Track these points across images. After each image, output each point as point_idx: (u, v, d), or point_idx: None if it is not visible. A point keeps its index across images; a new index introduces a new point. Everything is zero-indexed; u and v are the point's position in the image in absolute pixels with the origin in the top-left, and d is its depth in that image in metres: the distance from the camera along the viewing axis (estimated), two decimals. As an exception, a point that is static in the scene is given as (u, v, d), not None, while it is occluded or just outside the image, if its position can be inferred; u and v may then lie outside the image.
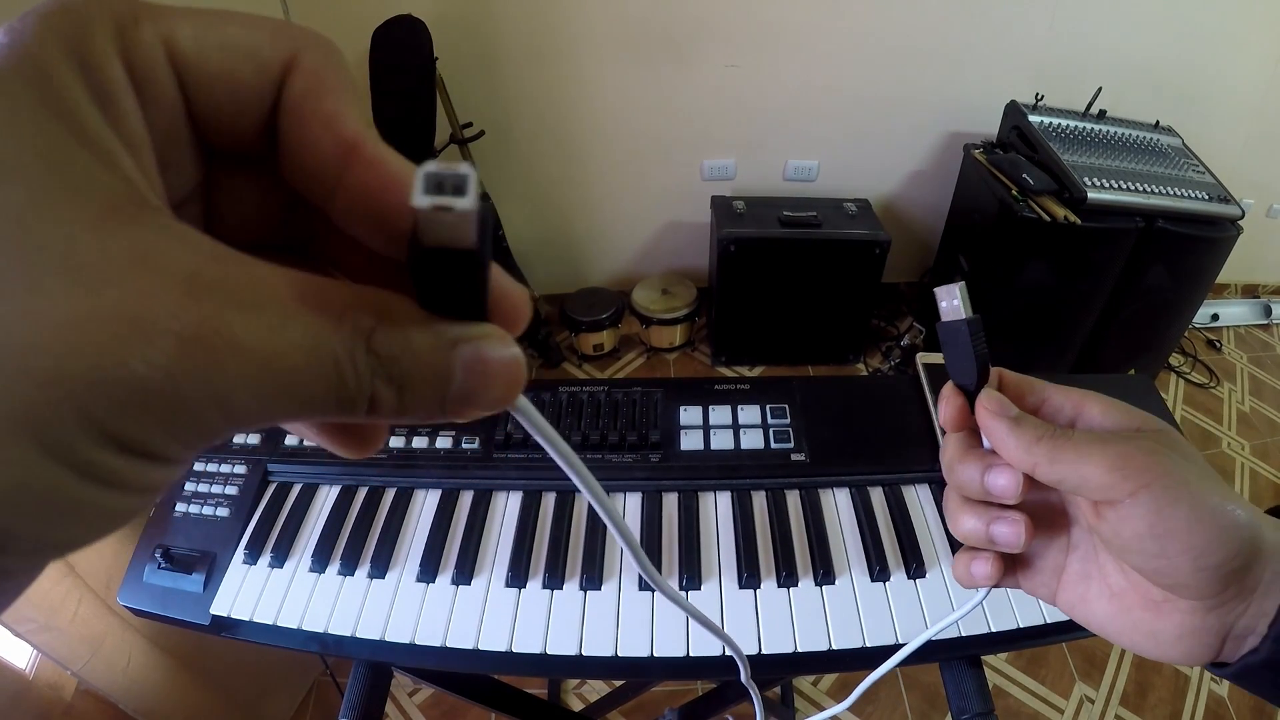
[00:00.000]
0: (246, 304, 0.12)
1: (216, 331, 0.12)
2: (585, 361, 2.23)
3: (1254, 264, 2.51)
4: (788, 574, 0.64)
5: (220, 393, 0.12)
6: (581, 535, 0.67)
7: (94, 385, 0.11)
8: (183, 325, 0.11)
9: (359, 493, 0.71)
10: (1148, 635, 0.28)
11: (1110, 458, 0.25)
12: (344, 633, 0.60)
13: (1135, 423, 0.28)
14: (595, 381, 0.78)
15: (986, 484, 0.28)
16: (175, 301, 0.11)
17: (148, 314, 0.11)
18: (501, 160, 2.06)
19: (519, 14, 1.85)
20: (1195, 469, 0.25)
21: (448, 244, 0.14)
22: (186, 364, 0.11)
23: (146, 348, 0.11)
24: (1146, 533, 0.25)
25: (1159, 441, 0.26)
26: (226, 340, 0.12)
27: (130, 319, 0.11)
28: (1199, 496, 0.25)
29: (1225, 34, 1.98)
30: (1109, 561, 0.29)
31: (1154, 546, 0.25)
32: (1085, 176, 1.69)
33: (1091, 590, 0.30)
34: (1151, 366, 2.07)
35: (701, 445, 0.72)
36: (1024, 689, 1.44)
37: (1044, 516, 0.31)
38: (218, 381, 0.12)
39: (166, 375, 0.11)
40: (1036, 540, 0.30)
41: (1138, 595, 0.28)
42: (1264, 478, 1.94)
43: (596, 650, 0.59)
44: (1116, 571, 0.29)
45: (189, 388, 0.12)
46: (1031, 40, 1.97)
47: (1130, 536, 0.26)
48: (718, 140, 2.12)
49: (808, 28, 1.91)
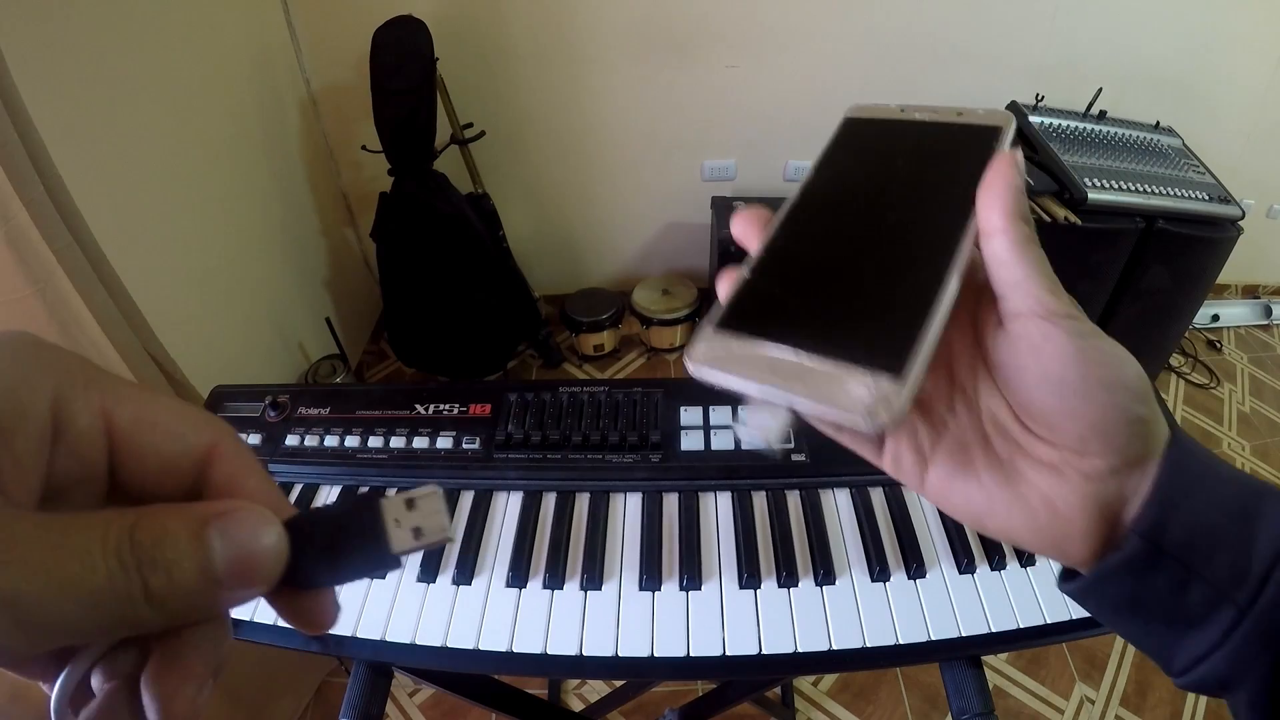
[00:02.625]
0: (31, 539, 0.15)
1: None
2: (585, 362, 2.23)
3: (1254, 264, 2.51)
4: (788, 574, 0.64)
5: (7, 597, 0.14)
6: (582, 535, 0.67)
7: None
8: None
9: (359, 493, 0.71)
10: (1041, 506, 0.25)
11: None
12: (344, 633, 0.61)
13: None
14: (595, 382, 0.78)
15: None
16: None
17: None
18: (502, 160, 2.06)
19: (520, 14, 1.85)
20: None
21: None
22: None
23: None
24: (1072, 355, 0.23)
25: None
26: (13, 557, 0.15)
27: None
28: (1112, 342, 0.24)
29: (1225, 34, 1.98)
30: (1000, 420, 0.26)
31: (1075, 372, 0.23)
32: (1085, 177, 1.69)
33: (975, 458, 0.26)
34: (1152, 367, 2.07)
35: (702, 446, 0.72)
36: (1024, 689, 1.44)
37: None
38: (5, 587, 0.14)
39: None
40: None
41: (1028, 460, 0.25)
42: (1264, 478, 1.94)
43: (597, 650, 0.59)
44: (1004, 435, 0.26)
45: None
46: (1031, 40, 1.96)
47: (1050, 357, 0.23)
48: (718, 141, 2.12)
49: (808, 28, 1.91)
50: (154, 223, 1.30)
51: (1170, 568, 0.24)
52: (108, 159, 1.18)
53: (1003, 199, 0.24)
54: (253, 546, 0.17)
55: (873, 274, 0.25)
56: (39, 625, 0.15)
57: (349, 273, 2.17)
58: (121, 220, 1.16)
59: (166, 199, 1.34)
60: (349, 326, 2.07)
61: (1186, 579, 0.24)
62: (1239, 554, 0.24)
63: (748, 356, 0.22)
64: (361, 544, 0.19)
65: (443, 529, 0.20)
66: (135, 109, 1.26)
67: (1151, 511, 0.24)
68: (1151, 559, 0.24)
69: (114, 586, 0.15)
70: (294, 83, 1.87)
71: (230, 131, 1.59)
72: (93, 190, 1.00)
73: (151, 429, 0.19)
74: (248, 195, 1.66)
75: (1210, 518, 0.24)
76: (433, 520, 0.20)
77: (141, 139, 1.27)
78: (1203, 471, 0.25)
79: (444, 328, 1.93)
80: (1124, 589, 0.25)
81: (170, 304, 1.28)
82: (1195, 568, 0.24)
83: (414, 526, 0.19)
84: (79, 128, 1.10)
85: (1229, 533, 0.24)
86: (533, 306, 2.10)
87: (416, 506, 0.20)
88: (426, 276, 1.84)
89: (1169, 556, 0.24)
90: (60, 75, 1.07)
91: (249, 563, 0.17)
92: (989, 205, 0.24)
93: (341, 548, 0.19)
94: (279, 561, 0.18)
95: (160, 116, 1.33)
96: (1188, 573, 0.24)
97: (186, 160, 1.41)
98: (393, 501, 0.19)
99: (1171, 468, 0.24)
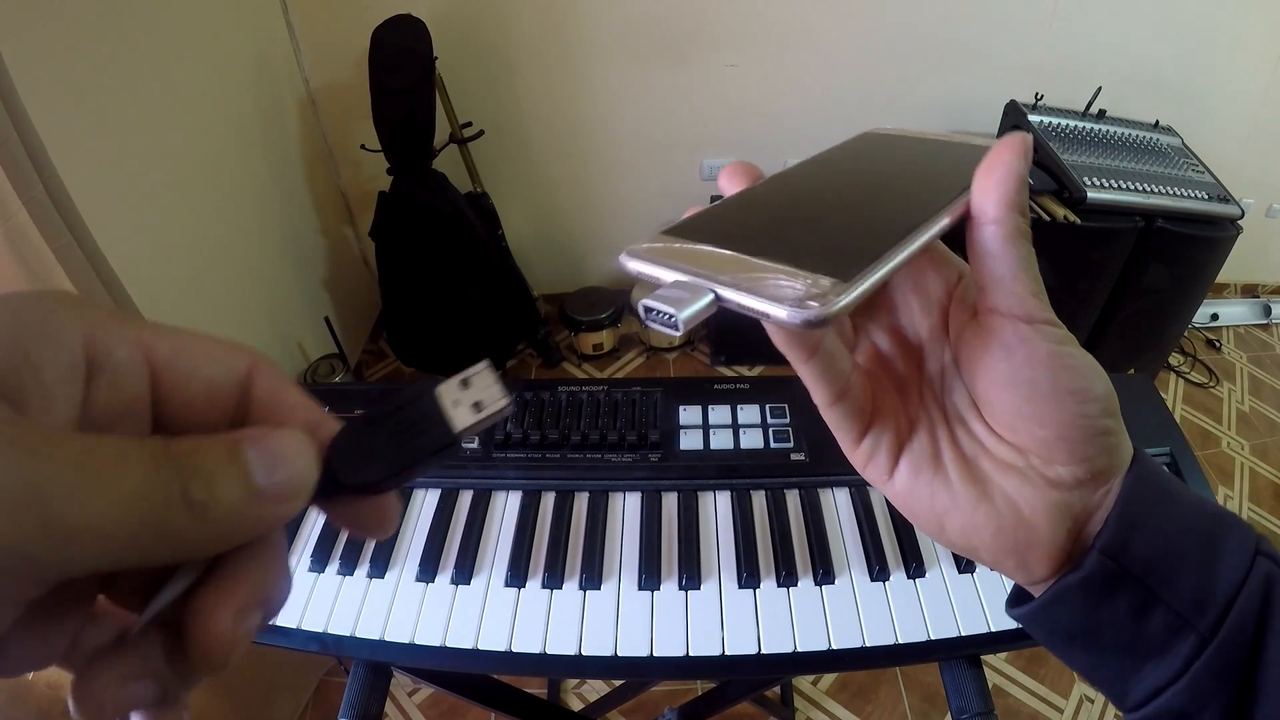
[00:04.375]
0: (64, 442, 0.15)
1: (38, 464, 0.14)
2: (585, 361, 2.23)
3: (1254, 264, 2.51)
4: (787, 574, 0.64)
5: (35, 487, 0.13)
6: (581, 535, 0.67)
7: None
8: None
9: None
10: (1006, 508, 0.24)
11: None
12: (343, 632, 0.60)
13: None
14: (595, 381, 0.78)
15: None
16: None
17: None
18: (501, 160, 2.06)
19: (519, 13, 1.85)
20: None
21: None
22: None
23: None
24: (1044, 360, 0.22)
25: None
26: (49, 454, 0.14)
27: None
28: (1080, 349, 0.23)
29: (1225, 34, 1.98)
30: (965, 418, 0.25)
31: (1046, 378, 0.22)
32: (1085, 176, 1.69)
33: (943, 452, 0.25)
34: (1151, 366, 2.07)
35: (701, 445, 0.72)
36: (1024, 689, 1.44)
37: (888, 377, 0.27)
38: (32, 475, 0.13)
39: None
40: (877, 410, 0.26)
41: (992, 461, 0.24)
42: (1263, 477, 1.94)
43: (596, 650, 0.59)
44: (970, 433, 0.25)
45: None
46: (1031, 40, 1.96)
47: (1023, 360, 0.22)
48: (718, 140, 2.12)
49: (808, 28, 1.91)
50: (152, 221, 1.30)
51: (1131, 589, 0.23)
52: (106, 158, 1.18)
53: (1002, 185, 0.22)
54: (289, 454, 0.17)
55: (837, 219, 0.24)
56: (68, 529, 0.13)
57: (348, 272, 2.17)
58: (120, 219, 1.15)
59: (165, 198, 1.34)
60: (348, 326, 2.07)
61: (1148, 603, 0.23)
62: (1202, 579, 0.23)
63: (689, 253, 0.21)
64: (424, 430, 0.19)
65: (501, 398, 0.19)
66: (134, 108, 1.25)
67: (1114, 529, 0.23)
68: (1112, 579, 0.23)
69: (151, 488, 0.15)
70: (293, 82, 1.87)
71: (229, 130, 1.59)
72: (92, 189, 1.00)
73: (192, 355, 0.18)
74: (246, 194, 1.66)
75: (1173, 540, 0.23)
76: (489, 392, 0.19)
77: (140, 138, 1.27)
78: (1165, 493, 0.24)
79: (443, 327, 1.93)
80: (1080, 612, 0.24)
81: (169, 303, 1.28)
82: (1157, 591, 0.23)
83: (473, 402, 0.19)
84: (78, 127, 1.10)
85: (1192, 557, 0.23)
86: (532, 306, 2.10)
87: (471, 384, 0.20)
88: (425, 276, 1.84)
89: (1131, 577, 0.23)
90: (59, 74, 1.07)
91: (288, 469, 0.17)
92: (986, 190, 0.22)
93: (404, 442, 0.19)
94: (313, 468, 0.18)
95: (159, 115, 1.32)
96: (1149, 596, 0.23)
97: (185, 159, 1.41)
98: (446, 385, 0.20)
99: (1136, 486, 0.23)
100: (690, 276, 0.20)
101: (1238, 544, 0.23)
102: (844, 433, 0.26)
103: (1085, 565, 0.23)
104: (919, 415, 0.26)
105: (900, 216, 0.22)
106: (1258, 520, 1.82)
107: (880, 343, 0.27)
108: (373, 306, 2.29)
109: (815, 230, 0.23)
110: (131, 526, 0.14)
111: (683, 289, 0.20)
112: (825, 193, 0.26)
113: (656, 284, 0.21)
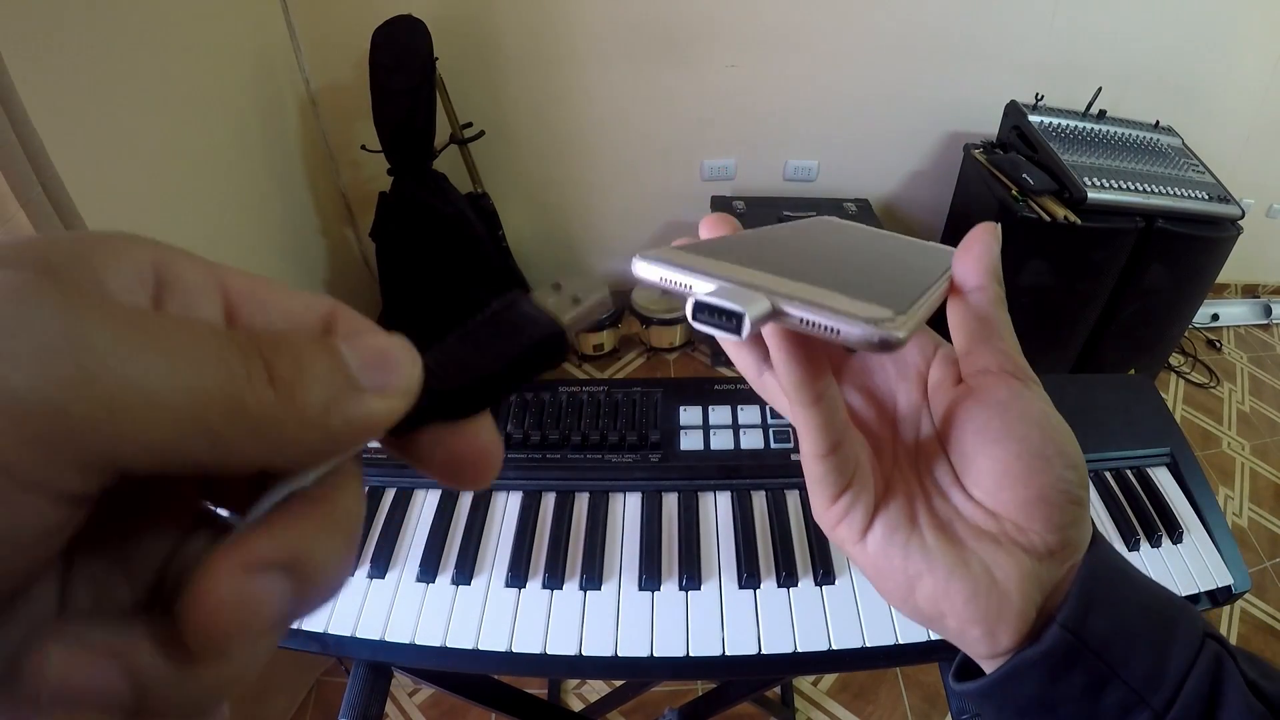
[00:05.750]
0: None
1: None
2: (585, 361, 2.23)
3: (1254, 264, 2.51)
4: (788, 574, 0.64)
5: (87, 347, 0.11)
6: (581, 535, 0.67)
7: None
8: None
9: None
10: (982, 574, 0.23)
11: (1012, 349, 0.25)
12: (344, 632, 0.60)
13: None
14: (595, 381, 0.78)
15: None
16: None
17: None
18: (501, 160, 2.06)
19: (520, 13, 1.85)
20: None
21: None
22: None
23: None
24: (1037, 419, 0.23)
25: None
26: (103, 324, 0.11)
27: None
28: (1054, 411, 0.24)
29: (1225, 34, 1.98)
30: (941, 483, 0.25)
31: (1038, 435, 0.23)
32: (1085, 176, 1.69)
33: (919, 514, 0.25)
34: (1151, 366, 2.07)
35: (701, 445, 0.72)
36: (1024, 689, 1.44)
37: (866, 437, 0.27)
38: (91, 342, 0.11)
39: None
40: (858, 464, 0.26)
41: (966, 526, 0.24)
42: (1264, 477, 1.94)
43: (596, 650, 0.59)
44: (945, 498, 0.25)
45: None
46: (1031, 40, 1.96)
47: (1017, 417, 0.23)
48: (717, 140, 2.12)
49: (808, 28, 1.91)
50: (152, 222, 1.30)
51: (1088, 666, 0.23)
52: (106, 159, 1.18)
53: (984, 258, 0.24)
54: (391, 352, 0.15)
55: (857, 264, 0.25)
56: (115, 384, 0.11)
57: (348, 272, 2.17)
58: (120, 220, 1.15)
59: (165, 199, 1.34)
60: (348, 326, 2.07)
61: (1104, 679, 0.23)
62: (1157, 657, 0.23)
63: (721, 266, 0.20)
64: (525, 330, 0.17)
65: (597, 288, 0.18)
66: (134, 108, 1.25)
67: (1075, 604, 0.23)
68: (1071, 655, 0.23)
69: (224, 355, 0.12)
70: (293, 82, 1.87)
71: (229, 131, 1.59)
72: (91, 190, 1.00)
73: (270, 289, 0.16)
74: (247, 195, 1.66)
75: (1130, 619, 0.24)
76: (584, 285, 0.18)
77: (140, 138, 1.27)
78: (1122, 574, 0.25)
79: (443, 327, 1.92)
80: (1037, 687, 0.23)
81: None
82: (1114, 668, 0.23)
83: (571, 296, 0.18)
84: (77, 127, 1.10)
85: (1147, 636, 0.24)
86: (532, 306, 2.10)
87: (562, 287, 0.18)
88: (426, 276, 1.84)
89: (1089, 653, 0.23)
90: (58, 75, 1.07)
91: (385, 358, 0.15)
92: (968, 263, 0.25)
93: (507, 342, 0.17)
94: (417, 367, 0.16)
95: (159, 116, 1.32)
96: (1106, 672, 0.23)
97: (185, 160, 1.41)
98: (537, 292, 0.18)
99: (1096, 565, 0.24)
100: (737, 285, 0.19)
101: (1189, 625, 0.24)
102: (824, 488, 0.25)
103: (1045, 639, 0.23)
104: (894, 478, 0.26)
105: (911, 274, 0.24)
106: (1258, 520, 1.82)
107: (854, 402, 0.28)
108: (373, 307, 2.29)
109: (846, 268, 0.23)
110: (197, 395, 0.11)
111: (732, 295, 0.18)
112: (826, 247, 0.26)
113: (676, 290, 0.19)
